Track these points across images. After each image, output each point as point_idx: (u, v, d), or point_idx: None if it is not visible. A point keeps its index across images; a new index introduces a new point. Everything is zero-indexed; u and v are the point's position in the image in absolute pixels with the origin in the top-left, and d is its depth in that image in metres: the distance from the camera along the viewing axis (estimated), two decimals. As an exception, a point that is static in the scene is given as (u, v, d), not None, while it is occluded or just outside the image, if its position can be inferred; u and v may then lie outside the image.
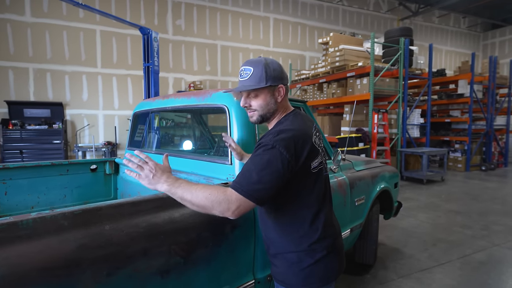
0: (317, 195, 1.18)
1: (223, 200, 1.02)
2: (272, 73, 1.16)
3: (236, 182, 1.05)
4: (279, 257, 1.21)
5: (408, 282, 2.67)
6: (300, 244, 1.16)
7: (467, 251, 3.32)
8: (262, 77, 1.15)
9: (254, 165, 1.06)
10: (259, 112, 1.20)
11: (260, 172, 1.03)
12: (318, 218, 1.17)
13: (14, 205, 2.23)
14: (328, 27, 10.85)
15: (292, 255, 1.17)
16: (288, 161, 1.05)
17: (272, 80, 1.16)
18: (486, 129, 9.02)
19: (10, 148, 6.54)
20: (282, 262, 1.19)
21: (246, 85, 1.17)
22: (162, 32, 8.23)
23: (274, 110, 1.21)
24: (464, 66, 9.04)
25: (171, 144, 4.84)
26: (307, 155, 1.10)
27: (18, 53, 7.03)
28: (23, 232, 0.91)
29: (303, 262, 1.16)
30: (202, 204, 1.02)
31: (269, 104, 1.19)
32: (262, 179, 1.03)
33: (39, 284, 0.88)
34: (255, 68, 1.16)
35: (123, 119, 8.05)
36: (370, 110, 6.83)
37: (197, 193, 1.03)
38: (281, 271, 1.21)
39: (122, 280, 1.05)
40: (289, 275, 1.18)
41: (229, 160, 1.70)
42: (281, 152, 1.05)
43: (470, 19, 13.91)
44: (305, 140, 1.12)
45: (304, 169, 1.12)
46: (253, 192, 1.03)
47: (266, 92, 1.18)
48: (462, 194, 6.00)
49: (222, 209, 1.02)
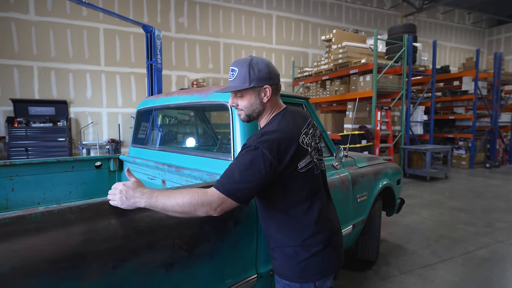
0: (308, 193, 1.19)
1: (204, 201, 1.04)
2: (257, 74, 1.17)
3: (219, 181, 1.08)
4: (277, 250, 1.24)
5: (410, 278, 2.68)
6: (296, 239, 1.19)
7: (470, 247, 3.32)
8: (246, 78, 1.17)
9: (237, 165, 1.09)
10: (245, 112, 1.23)
11: (242, 172, 1.06)
12: (310, 214, 1.19)
13: (21, 200, 2.27)
14: (331, 24, 10.79)
15: (288, 249, 1.20)
16: (271, 162, 1.07)
17: (256, 81, 1.17)
18: (491, 126, 8.96)
19: (16, 145, 6.62)
20: (280, 256, 1.23)
21: (230, 86, 1.20)
22: (165, 30, 8.24)
23: (260, 110, 1.22)
24: (469, 62, 8.96)
25: (174, 141, 4.87)
26: (291, 157, 1.11)
27: (22, 52, 7.08)
28: (32, 225, 0.94)
29: (299, 255, 1.19)
30: (186, 210, 1.04)
31: (253, 104, 1.21)
32: (244, 179, 1.06)
33: (47, 276, 0.91)
34: (240, 68, 1.18)
35: (127, 117, 8.10)
36: (373, 107, 6.81)
37: (177, 200, 1.04)
38: (279, 264, 1.24)
39: (127, 272, 1.08)
40: (286, 268, 1.21)
41: (232, 157, 1.72)
42: (263, 153, 1.07)
43: (475, 15, 13.76)
44: (290, 141, 1.12)
45: (290, 170, 1.13)
46: (234, 191, 1.06)
47: (251, 93, 1.19)
48: (465, 191, 5.97)
49: (206, 210, 1.06)
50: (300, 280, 1.19)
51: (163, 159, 2.25)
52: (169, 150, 2.31)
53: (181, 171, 1.94)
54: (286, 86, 10.17)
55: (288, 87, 10.16)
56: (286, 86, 10.17)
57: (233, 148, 1.72)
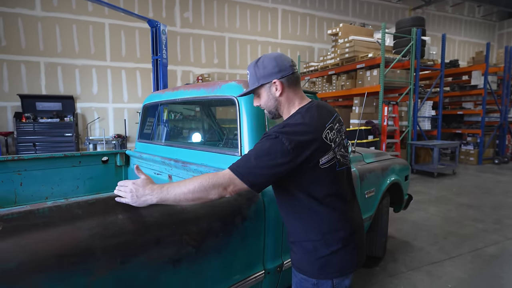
0: (330, 190, 1.17)
1: (216, 182, 1.05)
2: (262, 72, 1.18)
3: (234, 163, 1.09)
4: (297, 245, 1.23)
5: (418, 274, 2.66)
6: (316, 234, 1.17)
7: (479, 244, 3.27)
8: (255, 78, 1.19)
9: (255, 150, 1.08)
10: (266, 110, 1.25)
11: (258, 158, 1.06)
12: (331, 211, 1.17)
13: (29, 195, 2.29)
14: (337, 18, 10.65)
15: (308, 244, 1.19)
16: (289, 152, 1.05)
17: (263, 78, 1.18)
18: (500, 122, 8.80)
19: (24, 140, 6.69)
20: (299, 250, 1.21)
21: (246, 89, 1.25)
22: (170, 24, 8.22)
23: (276, 105, 1.21)
24: (478, 56, 8.78)
25: (180, 136, 4.88)
26: (312, 151, 1.08)
27: (29, 47, 7.13)
28: (40, 220, 0.93)
29: (318, 251, 1.17)
30: (198, 195, 1.05)
31: (268, 101, 1.21)
32: (259, 165, 1.05)
33: (56, 271, 0.90)
34: (250, 70, 1.22)
35: (133, 112, 8.13)
36: (380, 102, 6.72)
37: (188, 187, 1.04)
38: (298, 258, 1.23)
39: (135, 268, 1.07)
40: (305, 262, 1.20)
41: (239, 152, 1.71)
42: (283, 143, 1.05)
43: (485, 7, 13.46)
44: (312, 135, 1.09)
45: (312, 164, 1.11)
46: (247, 175, 1.05)
47: (263, 91, 1.21)
48: (474, 187, 5.89)
49: (218, 191, 1.06)
50: (317, 276, 1.18)
51: (169, 154, 2.25)
52: (176, 145, 2.31)
53: (188, 166, 1.93)
54: (291, 81, 10.09)
55: (293, 82, 10.08)
56: (292, 81, 10.09)
57: (240, 143, 1.70)
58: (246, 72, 8.79)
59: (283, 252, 1.69)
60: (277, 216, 1.63)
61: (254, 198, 1.52)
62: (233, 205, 1.42)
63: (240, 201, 1.46)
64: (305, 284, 1.20)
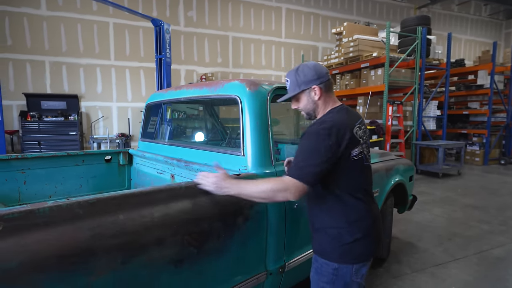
0: (357, 180, 1.31)
1: (282, 188, 1.20)
2: (302, 79, 1.33)
3: (289, 169, 1.25)
4: (321, 231, 1.34)
5: (422, 276, 2.63)
6: (342, 221, 1.29)
7: (485, 246, 3.23)
8: (295, 85, 1.35)
9: (302, 152, 1.24)
10: (304, 111, 1.40)
11: (306, 159, 1.21)
12: (358, 200, 1.30)
13: (33, 194, 2.30)
14: (341, 17, 10.58)
15: (333, 230, 1.30)
16: (331, 146, 1.20)
17: (304, 84, 1.33)
18: (507, 122, 8.69)
19: (29, 139, 6.74)
20: (323, 236, 1.33)
21: (286, 95, 1.40)
22: (173, 24, 8.22)
23: (314, 108, 1.37)
24: (485, 56, 8.67)
25: (183, 136, 4.88)
26: (347, 143, 1.24)
27: (34, 46, 7.17)
28: (40, 220, 0.93)
29: (342, 238, 1.28)
30: (268, 195, 1.22)
31: (307, 104, 1.37)
32: (309, 164, 1.20)
33: (56, 271, 0.90)
34: (290, 78, 1.37)
35: (136, 111, 8.15)
36: (385, 102, 6.67)
37: (260, 187, 1.22)
38: (321, 244, 1.34)
39: (136, 268, 1.07)
40: (328, 248, 1.31)
41: (242, 151, 1.69)
42: (323, 139, 1.20)
43: (492, 6, 13.29)
44: (345, 129, 1.25)
45: (346, 155, 1.26)
46: (301, 176, 1.19)
47: (302, 96, 1.36)
48: (479, 188, 5.83)
49: (284, 195, 1.21)
50: (339, 261, 1.28)
51: (172, 154, 2.24)
52: (178, 144, 2.30)
53: (190, 165, 1.92)
54: (295, 80, 10.05)
55: (297, 81, 10.05)
56: (295, 80, 10.06)
57: (243, 143, 1.69)
58: (249, 71, 8.77)
59: (286, 253, 1.68)
60: (279, 217, 1.62)
61: (257, 198, 1.51)
62: (234, 205, 1.41)
63: (241, 201, 1.44)
64: (326, 268, 1.31)
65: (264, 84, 1.79)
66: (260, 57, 9.52)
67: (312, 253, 1.86)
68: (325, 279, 1.31)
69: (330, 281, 1.30)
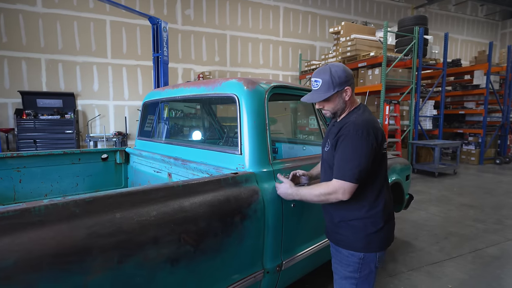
0: (382, 171, 1.41)
1: (331, 190, 1.32)
2: (337, 80, 1.37)
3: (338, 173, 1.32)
4: (343, 225, 1.41)
5: (418, 274, 2.64)
6: (366, 212, 1.36)
7: (480, 245, 3.26)
8: (330, 86, 1.37)
9: (347, 154, 1.31)
10: (331, 111, 1.44)
11: (352, 159, 1.29)
12: (382, 190, 1.39)
13: (29, 192, 2.28)
14: (339, 16, 10.59)
15: (357, 222, 1.37)
16: (372, 143, 1.30)
17: (338, 86, 1.37)
18: (502, 122, 8.76)
19: (24, 137, 6.68)
20: (346, 229, 1.40)
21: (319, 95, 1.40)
22: (171, 22, 8.18)
23: (344, 108, 1.43)
24: (481, 56, 8.73)
25: (180, 134, 4.86)
26: (381, 140, 1.35)
27: (30, 44, 7.11)
28: (36, 218, 0.92)
29: (367, 228, 1.36)
30: (323, 198, 1.35)
31: (337, 104, 1.41)
32: (355, 163, 1.28)
33: (51, 270, 0.89)
34: (323, 78, 1.38)
35: (133, 110, 8.11)
36: (382, 101, 6.69)
37: (315, 192, 1.37)
38: (345, 237, 1.40)
39: (133, 267, 1.06)
40: (353, 240, 1.38)
41: (239, 150, 1.69)
42: (365, 138, 1.29)
43: (488, 6, 13.37)
44: (379, 127, 1.36)
45: (380, 151, 1.36)
46: (353, 176, 1.28)
47: (335, 97, 1.40)
48: (475, 187, 5.87)
49: (335, 196, 1.32)
50: (364, 250, 1.36)
51: (169, 152, 2.23)
52: (175, 143, 2.29)
53: (187, 164, 1.92)
54: (293, 79, 10.06)
55: (295, 80, 10.06)
56: (293, 79, 10.06)
57: (240, 141, 1.68)
58: (247, 70, 8.72)
59: (283, 251, 1.68)
60: (276, 215, 1.62)
61: (254, 197, 1.51)
62: (232, 204, 1.41)
63: (239, 200, 1.44)
64: (352, 258, 1.38)
65: (262, 83, 1.79)
66: (258, 56, 9.51)
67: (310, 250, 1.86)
68: (351, 269, 1.38)
69: (356, 270, 1.37)
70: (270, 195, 1.58)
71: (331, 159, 1.39)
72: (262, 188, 1.57)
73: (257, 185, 1.57)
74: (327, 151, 1.44)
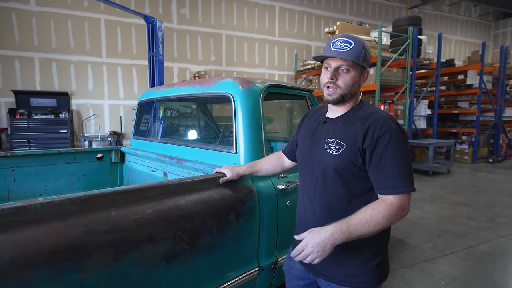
0: None
1: (397, 211, 1.00)
2: (368, 57, 1.10)
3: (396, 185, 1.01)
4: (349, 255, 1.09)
5: (411, 272, 2.68)
6: (380, 234, 1.05)
7: (472, 242, 3.31)
8: (361, 56, 1.07)
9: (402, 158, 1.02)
10: (341, 91, 1.09)
11: (408, 164, 1.03)
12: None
13: (23, 192, 2.27)
14: (334, 16, 10.64)
15: (367, 250, 1.09)
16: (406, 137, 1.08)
17: (366, 62, 1.10)
18: (495, 121, 8.88)
19: (18, 137, 6.62)
20: (356, 260, 1.09)
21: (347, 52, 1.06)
22: (166, 21, 8.15)
23: (355, 93, 1.12)
24: (474, 56, 8.84)
25: (176, 133, 4.86)
26: None
27: (23, 43, 7.03)
28: (32, 216, 0.93)
29: (378, 256, 1.10)
30: (383, 226, 0.99)
31: (354, 84, 1.10)
32: (409, 168, 1.03)
33: (47, 267, 0.90)
34: (356, 44, 1.07)
35: (129, 109, 8.07)
36: (376, 101, 6.74)
37: (373, 222, 0.97)
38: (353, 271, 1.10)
39: (129, 264, 1.07)
40: (364, 273, 1.09)
41: (234, 149, 1.70)
42: (403, 135, 1.05)
43: (481, 7, 13.52)
44: None
45: None
46: (411, 185, 1.02)
47: (357, 72, 1.09)
48: (468, 186, 5.95)
49: (399, 217, 1.01)
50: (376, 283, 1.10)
51: (164, 151, 2.24)
52: (171, 142, 2.30)
53: (183, 163, 1.93)
54: (288, 79, 10.09)
55: (290, 80, 10.08)
56: (288, 79, 10.09)
57: (236, 140, 1.70)
58: (243, 69, 8.69)
59: (278, 249, 1.70)
60: (271, 214, 1.63)
61: (249, 195, 1.52)
62: (227, 202, 1.42)
63: (234, 199, 1.45)
64: None
65: (257, 82, 1.80)
66: (254, 55, 9.52)
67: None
68: None
69: None
70: (265, 193, 1.60)
71: (346, 164, 1.06)
72: (257, 187, 1.58)
73: (252, 183, 1.58)
74: (337, 154, 1.07)
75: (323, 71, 1.13)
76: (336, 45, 1.08)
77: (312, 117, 1.28)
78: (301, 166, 1.24)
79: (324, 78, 1.12)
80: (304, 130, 1.27)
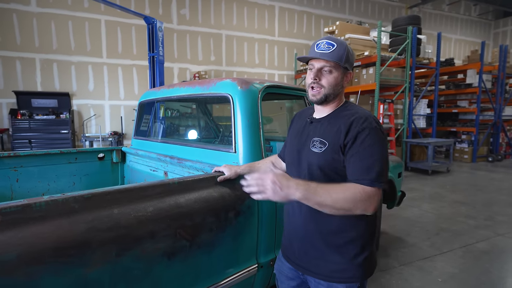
0: None
1: (365, 198, 0.99)
2: (350, 59, 1.15)
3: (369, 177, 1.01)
4: (335, 251, 1.11)
5: (409, 269, 2.71)
6: (365, 232, 1.11)
7: (470, 240, 3.33)
8: (343, 57, 1.12)
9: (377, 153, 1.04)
10: (325, 91, 1.13)
11: (381, 161, 1.04)
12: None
13: (26, 191, 2.31)
14: (334, 16, 10.66)
15: (352, 246, 1.11)
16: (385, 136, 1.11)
17: (349, 64, 1.15)
18: (494, 120, 8.89)
19: (19, 137, 6.66)
20: (344, 255, 1.11)
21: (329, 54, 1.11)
22: (166, 21, 8.18)
23: (339, 93, 1.17)
24: (474, 55, 8.85)
25: (176, 133, 4.89)
26: None
27: (24, 44, 7.07)
28: (37, 214, 0.96)
29: (365, 250, 1.12)
30: (345, 207, 0.98)
31: (338, 85, 1.15)
32: (384, 164, 1.04)
33: (52, 263, 0.93)
34: (339, 46, 1.12)
35: (129, 109, 8.11)
36: (376, 100, 6.77)
37: (338, 195, 0.98)
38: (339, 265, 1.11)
39: (130, 261, 1.10)
40: (350, 267, 1.11)
41: (233, 148, 1.73)
42: (380, 131, 1.08)
43: (481, 6, 13.53)
44: None
45: None
46: (382, 181, 1.02)
47: (340, 73, 1.14)
48: (467, 185, 5.97)
49: (365, 207, 1.00)
50: (364, 277, 1.12)
51: (165, 151, 2.27)
52: (171, 142, 2.33)
53: (183, 162, 1.96)
54: (288, 79, 10.11)
55: (290, 80, 10.11)
56: (288, 79, 10.12)
57: (235, 140, 1.73)
58: (242, 69, 8.70)
59: (276, 246, 1.73)
60: (270, 211, 1.66)
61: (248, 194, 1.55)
62: (226, 200, 1.46)
63: (233, 197, 1.49)
64: None
65: (256, 82, 1.83)
66: (254, 55, 9.55)
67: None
68: None
69: None
70: (264, 192, 1.63)
71: (329, 162, 1.09)
72: (256, 185, 1.61)
73: (251, 182, 1.61)
74: (320, 152, 1.10)
75: (308, 72, 1.18)
76: (319, 46, 1.14)
77: (301, 117, 1.32)
78: (289, 166, 1.27)
79: (308, 78, 1.18)
80: (293, 130, 1.31)
